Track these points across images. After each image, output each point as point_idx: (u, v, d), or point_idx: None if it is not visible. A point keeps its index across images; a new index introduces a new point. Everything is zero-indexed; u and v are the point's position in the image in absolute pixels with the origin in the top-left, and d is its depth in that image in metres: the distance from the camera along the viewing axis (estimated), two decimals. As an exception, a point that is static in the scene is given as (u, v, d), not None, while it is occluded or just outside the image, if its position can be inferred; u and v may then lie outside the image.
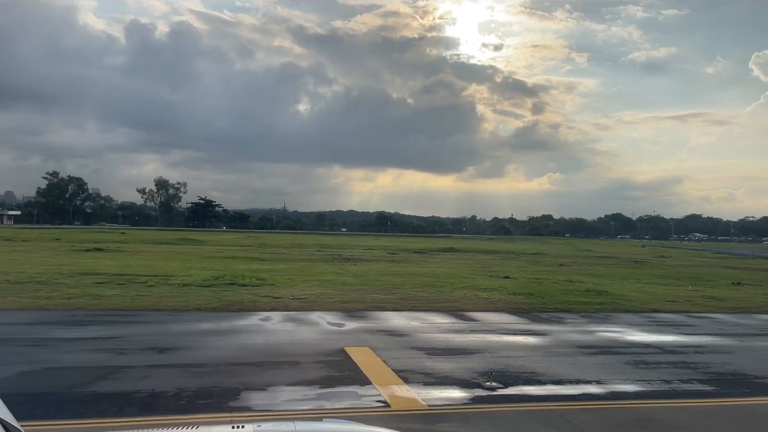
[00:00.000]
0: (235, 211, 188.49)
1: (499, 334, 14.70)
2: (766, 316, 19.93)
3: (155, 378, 9.57)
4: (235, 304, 17.63)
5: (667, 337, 15.18)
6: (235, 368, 10.35)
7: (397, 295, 20.95)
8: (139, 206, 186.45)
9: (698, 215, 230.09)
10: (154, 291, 19.78)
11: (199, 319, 15.23)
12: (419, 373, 10.32)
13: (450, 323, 15.98)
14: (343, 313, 16.93)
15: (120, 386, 9.02)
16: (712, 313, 20.02)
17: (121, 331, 13.51)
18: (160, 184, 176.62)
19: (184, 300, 18.00)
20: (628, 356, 12.46)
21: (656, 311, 19.82)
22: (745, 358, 12.80)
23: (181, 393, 8.70)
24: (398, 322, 15.86)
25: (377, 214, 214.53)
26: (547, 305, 19.90)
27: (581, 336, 14.82)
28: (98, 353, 11.24)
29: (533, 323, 16.45)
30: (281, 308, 17.20)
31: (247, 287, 21.43)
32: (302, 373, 10.18)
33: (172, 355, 11.37)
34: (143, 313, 15.93)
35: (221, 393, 8.79)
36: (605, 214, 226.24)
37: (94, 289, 19.55)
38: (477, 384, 9.74)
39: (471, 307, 18.97)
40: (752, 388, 10.33)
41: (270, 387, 9.19)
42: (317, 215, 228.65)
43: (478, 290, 23.02)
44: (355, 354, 11.61)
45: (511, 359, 11.73)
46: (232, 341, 12.70)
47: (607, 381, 10.29)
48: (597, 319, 17.62)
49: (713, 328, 16.84)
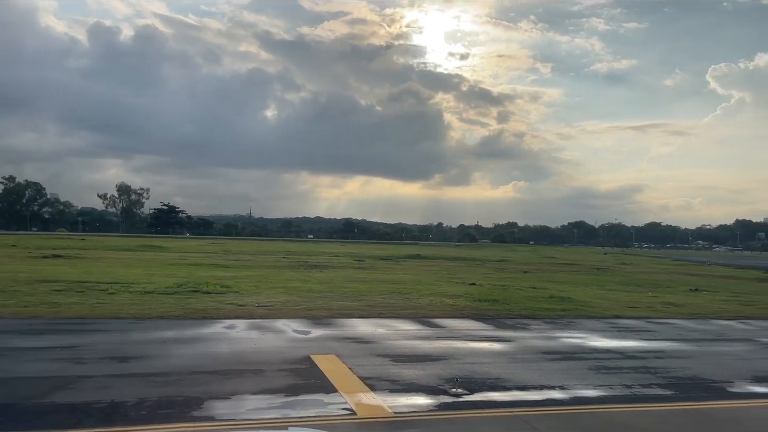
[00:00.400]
0: (199, 217, 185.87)
1: (464, 340, 14.79)
2: (723, 321, 20.51)
3: (115, 388, 9.34)
4: (198, 311, 17.36)
5: (629, 342, 15.50)
6: (198, 377, 10.18)
7: (364, 302, 20.92)
8: (100, 212, 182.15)
9: (658, 223, 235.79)
10: (115, 299, 19.34)
11: (162, 327, 14.94)
12: (385, 380, 10.31)
13: (416, 330, 16.02)
14: (309, 320, 16.82)
15: (79, 397, 8.79)
16: (671, 318, 20.51)
17: (81, 339, 13.17)
18: (121, 189, 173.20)
19: (146, 308, 17.65)
20: (590, 362, 12.68)
21: (618, 317, 20.21)
22: (703, 363, 13.14)
23: (142, 403, 8.52)
24: (364, 329, 15.83)
25: (344, 220, 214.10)
26: (512, 312, 20.11)
27: (545, 342, 15.01)
28: (56, 363, 10.94)
29: (498, 329, 16.60)
30: (246, 316, 17.00)
31: (211, 294, 21.12)
32: (267, 381, 10.08)
33: (133, 364, 11.13)
34: (103, 322, 15.55)
35: (184, 402, 8.63)
36: (569, 222, 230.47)
37: (52, 297, 19.02)
38: (443, 390, 9.78)
39: (437, 313, 19.05)
40: (710, 392, 10.61)
41: (234, 396, 9.06)
42: (283, 222, 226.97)
43: (444, 297, 23.14)
44: (320, 361, 11.54)
45: (477, 365, 11.80)
46: (195, 349, 12.49)
47: (571, 386, 10.43)
48: (560, 325, 17.87)
49: (672, 334, 17.25)
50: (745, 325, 19.92)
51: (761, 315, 22.46)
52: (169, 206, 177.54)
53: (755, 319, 21.27)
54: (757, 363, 13.44)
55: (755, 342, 16.46)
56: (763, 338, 17.14)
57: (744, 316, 21.81)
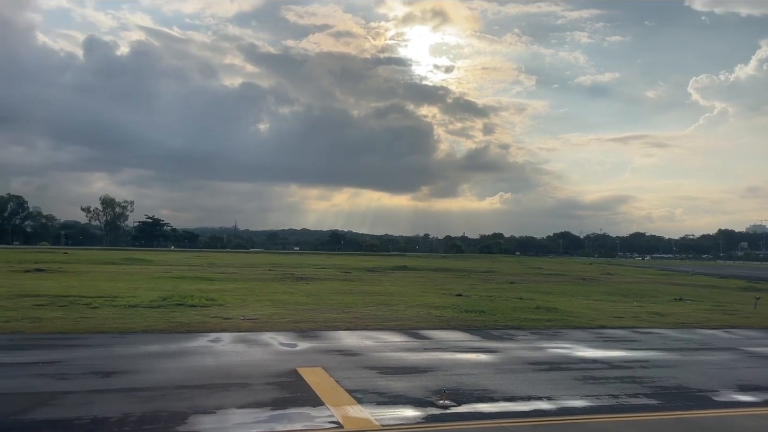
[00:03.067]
0: (184, 230, 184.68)
1: (451, 351, 14.77)
2: (707, 330, 20.67)
3: (98, 403, 9.20)
4: (183, 325, 17.18)
5: (614, 352, 15.56)
6: (183, 391, 10.07)
7: (350, 314, 20.84)
8: (84, 225, 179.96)
9: (642, 233, 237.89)
10: (99, 313, 19.09)
11: (146, 342, 14.76)
12: (372, 393, 10.25)
13: (403, 342, 15.97)
14: (296, 333, 16.71)
15: (61, 413, 8.65)
16: (656, 328, 20.64)
17: (63, 355, 12.98)
18: (105, 202, 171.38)
19: (130, 322, 17.44)
20: (577, 372, 12.71)
21: (603, 327, 20.30)
22: (688, 372, 13.23)
23: (125, 419, 8.40)
24: (351, 341, 15.76)
25: (330, 232, 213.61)
26: (499, 322, 20.14)
27: (532, 353, 15.03)
28: (38, 378, 10.76)
29: (485, 340, 16.60)
30: (232, 329, 16.85)
31: (197, 308, 20.93)
32: (253, 395, 9.98)
33: (117, 379, 10.98)
34: (87, 336, 15.34)
35: (168, 417, 8.52)
36: (554, 233, 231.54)
37: (34, 312, 18.75)
38: (430, 402, 9.74)
39: (424, 325, 19.02)
40: (695, 401, 10.67)
41: (220, 410, 8.96)
42: (269, 234, 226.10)
43: (430, 308, 23.12)
44: (307, 374, 11.46)
45: (464, 377, 11.79)
46: (180, 364, 12.36)
47: (558, 397, 10.44)
48: (547, 336, 17.91)
49: (657, 343, 17.35)
50: (729, 334, 20.09)
51: (745, 324, 22.68)
52: (153, 219, 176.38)
53: (739, 328, 21.46)
54: (741, 372, 13.54)
55: (739, 351, 16.59)
56: (747, 347, 17.29)
57: (728, 325, 22.01)
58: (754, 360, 15.30)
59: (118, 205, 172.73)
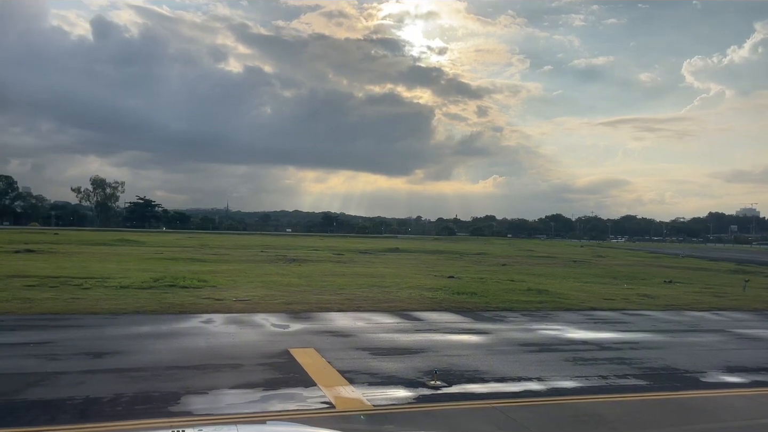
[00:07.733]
0: (175, 211, 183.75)
1: (443, 333, 14.85)
2: (696, 312, 20.87)
3: (90, 384, 9.20)
4: (175, 306, 17.17)
5: (604, 334, 15.70)
6: (175, 372, 10.08)
7: (343, 295, 20.89)
8: (74, 206, 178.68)
9: (633, 216, 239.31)
10: (90, 294, 19.05)
11: (138, 323, 14.76)
12: (364, 374, 10.31)
13: (395, 323, 16.04)
14: (288, 314, 16.74)
15: (52, 393, 8.65)
16: (645, 310, 20.83)
17: (54, 335, 12.96)
18: (96, 182, 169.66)
19: (121, 303, 17.42)
20: (567, 353, 12.82)
21: (594, 309, 20.46)
22: (676, 353, 13.37)
23: (117, 399, 8.41)
24: (343, 322, 15.81)
25: (323, 214, 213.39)
26: (490, 304, 20.24)
27: (523, 334, 15.13)
28: (29, 359, 10.75)
29: (476, 322, 16.70)
30: (224, 310, 16.86)
31: (189, 289, 20.91)
32: (245, 375, 10.01)
33: (109, 359, 10.98)
34: (78, 317, 15.32)
35: (161, 398, 8.54)
36: (546, 215, 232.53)
37: (24, 293, 18.68)
38: (422, 383, 9.81)
39: (416, 306, 19.09)
40: (683, 382, 10.80)
41: (212, 390, 8.99)
42: (262, 216, 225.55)
43: (422, 290, 23.20)
44: (299, 355, 11.50)
45: (455, 358, 11.86)
46: (172, 344, 12.37)
47: (548, 378, 10.54)
48: (538, 318, 18.04)
49: (647, 325, 17.51)
50: (718, 316, 20.30)
51: (733, 306, 22.91)
52: (145, 200, 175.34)
53: (727, 311, 21.69)
54: (729, 354, 13.69)
55: (727, 333, 16.78)
56: (735, 329, 17.48)
57: (716, 308, 22.22)
58: (742, 342, 15.48)
59: (108, 186, 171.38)
